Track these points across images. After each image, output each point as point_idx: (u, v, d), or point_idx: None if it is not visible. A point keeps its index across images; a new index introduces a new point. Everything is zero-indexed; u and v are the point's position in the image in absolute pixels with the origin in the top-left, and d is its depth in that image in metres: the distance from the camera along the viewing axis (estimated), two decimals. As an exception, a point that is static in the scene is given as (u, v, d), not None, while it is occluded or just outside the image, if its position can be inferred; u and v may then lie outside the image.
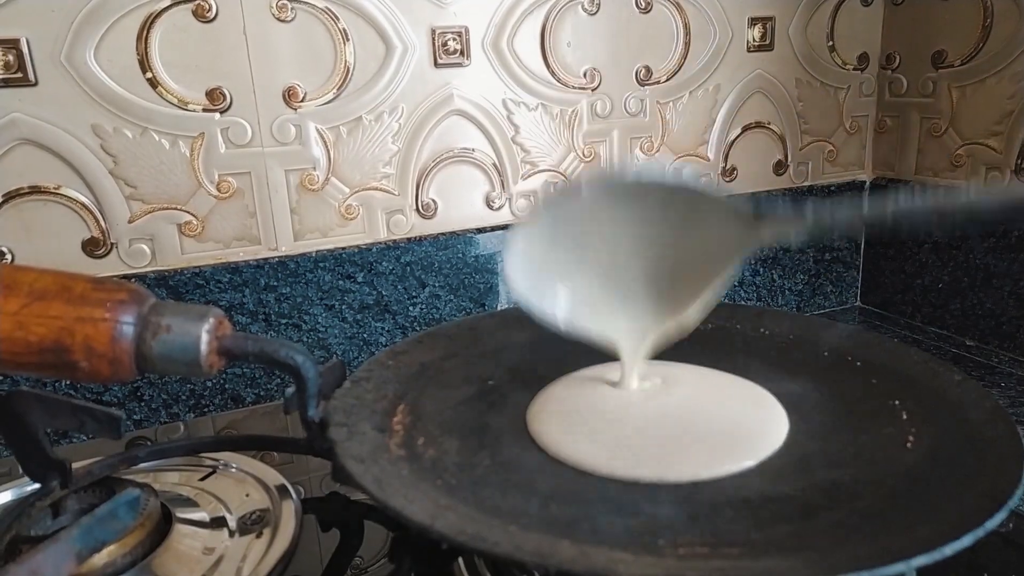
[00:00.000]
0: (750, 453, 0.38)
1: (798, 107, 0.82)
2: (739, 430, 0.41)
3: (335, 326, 0.68)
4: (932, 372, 0.43)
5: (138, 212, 0.61)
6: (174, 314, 0.37)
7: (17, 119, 0.57)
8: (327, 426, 0.40)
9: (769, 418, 0.42)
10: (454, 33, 0.67)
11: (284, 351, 0.39)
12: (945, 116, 0.78)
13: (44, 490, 0.41)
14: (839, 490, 0.35)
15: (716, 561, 0.29)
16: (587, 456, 0.38)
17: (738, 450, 0.39)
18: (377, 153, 0.67)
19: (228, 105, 0.62)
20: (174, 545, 0.41)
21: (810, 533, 0.31)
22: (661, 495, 0.35)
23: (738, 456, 0.38)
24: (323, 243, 0.67)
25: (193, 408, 0.65)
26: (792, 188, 0.84)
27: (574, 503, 0.35)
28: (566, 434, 0.41)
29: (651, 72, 0.75)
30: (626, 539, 0.31)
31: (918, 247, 0.81)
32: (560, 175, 0.74)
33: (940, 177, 0.80)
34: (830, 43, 0.82)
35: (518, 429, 0.43)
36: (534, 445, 0.41)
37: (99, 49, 0.57)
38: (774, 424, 0.41)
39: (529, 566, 0.28)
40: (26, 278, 0.36)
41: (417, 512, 0.31)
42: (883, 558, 0.27)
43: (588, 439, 0.40)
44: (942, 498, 0.33)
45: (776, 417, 0.42)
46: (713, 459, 0.38)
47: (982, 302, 0.75)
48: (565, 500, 0.35)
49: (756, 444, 0.39)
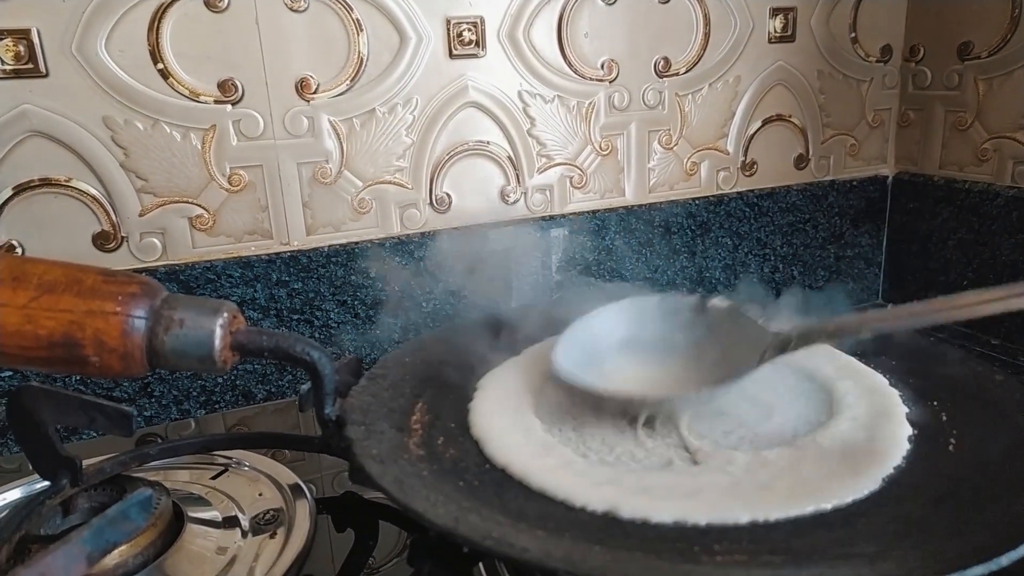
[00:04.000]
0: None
1: (820, 100, 0.81)
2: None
3: (348, 322, 0.67)
4: (972, 372, 0.41)
5: (149, 205, 0.60)
6: (187, 308, 0.36)
7: (28, 111, 0.56)
8: (344, 424, 0.38)
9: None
10: (469, 23, 0.66)
11: (300, 346, 0.38)
12: (971, 109, 0.76)
13: (54, 488, 0.40)
14: (880, 494, 0.33)
15: (756, 570, 0.28)
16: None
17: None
18: (391, 146, 0.66)
19: (240, 97, 0.61)
20: (186, 545, 0.40)
21: (853, 540, 0.30)
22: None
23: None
24: (336, 237, 0.66)
25: (204, 405, 0.64)
26: (813, 183, 0.82)
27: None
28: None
29: (670, 63, 0.73)
30: (661, 545, 0.29)
31: (943, 243, 0.79)
32: (576, 168, 0.73)
33: (965, 172, 0.78)
34: (853, 34, 0.80)
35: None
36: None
37: (110, 40, 0.56)
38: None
39: (559, 574, 0.26)
40: (35, 270, 0.35)
41: (441, 515, 0.30)
42: (936, 567, 0.25)
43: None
44: (990, 503, 0.31)
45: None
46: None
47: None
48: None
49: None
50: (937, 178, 0.80)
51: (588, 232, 0.73)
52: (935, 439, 0.38)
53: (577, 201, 0.74)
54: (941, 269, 0.80)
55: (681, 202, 0.77)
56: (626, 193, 0.76)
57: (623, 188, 0.75)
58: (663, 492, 0.33)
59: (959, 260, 0.77)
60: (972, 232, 0.76)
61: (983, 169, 0.76)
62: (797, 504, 0.31)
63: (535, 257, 0.72)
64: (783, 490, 0.33)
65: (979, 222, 0.75)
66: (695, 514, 0.31)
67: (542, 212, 0.73)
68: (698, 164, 0.78)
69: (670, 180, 0.77)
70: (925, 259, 0.82)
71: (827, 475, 0.34)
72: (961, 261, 0.77)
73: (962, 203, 0.77)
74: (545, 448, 0.38)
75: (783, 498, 0.32)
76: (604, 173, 0.74)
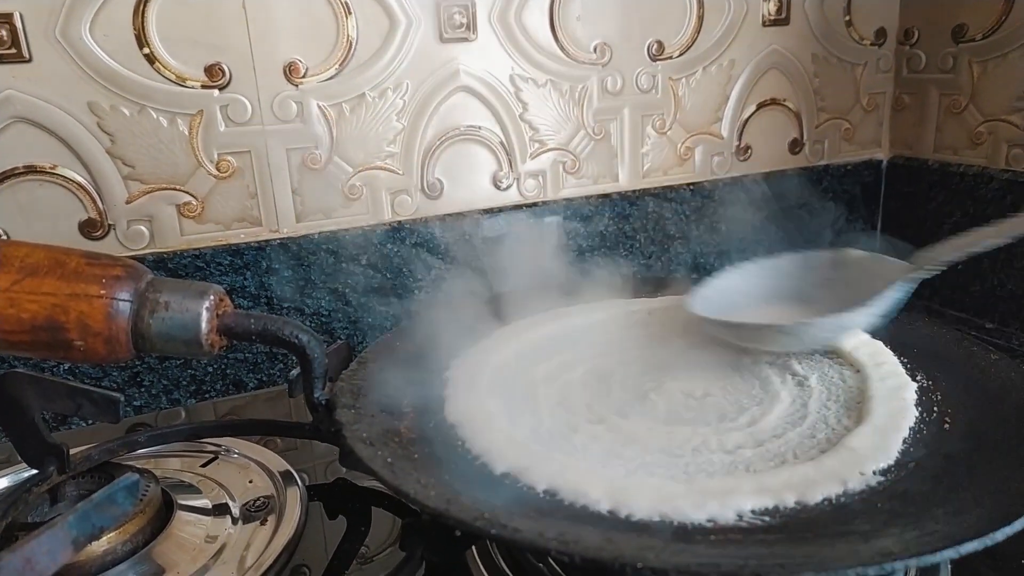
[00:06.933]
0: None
1: (814, 84, 0.80)
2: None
3: (339, 310, 0.66)
4: (967, 352, 0.41)
5: (136, 192, 0.60)
6: (173, 291, 0.35)
7: (11, 96, 0.55)
8: (334, 408, 0.38)
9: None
10: (460, 6, 0.65)
11: (288, 329, 0.37)
12: (965, 92, 0.76)
13: (41, 475, 0.40)
14: (877, 472, 0.33)
15: (751, 548, 0.27)
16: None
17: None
18: (381, 131, 0.65)
19: (227, 81, 0.60)
20: (175, 532, 0.40)
21: (849, 517, 0.29)
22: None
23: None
24: (326, 224, 0.65)
25: (194, 394, 0.63)
26: (808, 167, 0.82)
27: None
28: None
29: (663, 47, 0.73)
30: (654, 524, 0.29)
31: (937, 227, 0.79)
32: (569, 154, 0.72)
33: (960, 156, 0.77)
34: (847, 17, 0.79)
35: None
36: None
37: (94, 24, 0.55)
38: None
39: (552, 553, 0.26)
40: (17, 253, 0.34)
41: (432, 497, 0.29)
42: (932, 544, 0.25)
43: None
44: (985, 480, 0.31)
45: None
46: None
47: (1003, 283, 0.73)
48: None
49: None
50: (932, 162, 0.80)
51: (581, 218, 0.73)
52: (930, 417, 0.37)
53: (570, 187, 0.73)
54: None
55: (675, 187, 0.76)
56: (619, 178, 0.75)
57: (616, 173, 0.75)
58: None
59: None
60: (967, 216, 0.76)
61: (978, 152, 0.75)
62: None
63: (528, 243, 0.71)
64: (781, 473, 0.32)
65: (974, 206, 0.75)
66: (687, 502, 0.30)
67: (535, 198, 0.72)
68: (692, 149, 0.77)
69: (664, 165, 0.76)
70: (920, 243, 0.81)
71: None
72: (956, 245, 0.77)
73: (957, 187, 0.76)
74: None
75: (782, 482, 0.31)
76: (597, 158, 0.74)
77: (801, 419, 0.38)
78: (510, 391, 0.42)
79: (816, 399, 0.40)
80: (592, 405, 0.40)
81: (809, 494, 0.30)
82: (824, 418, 0.38)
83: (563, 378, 0.44)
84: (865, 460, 0.32)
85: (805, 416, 0.38)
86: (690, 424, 0.38)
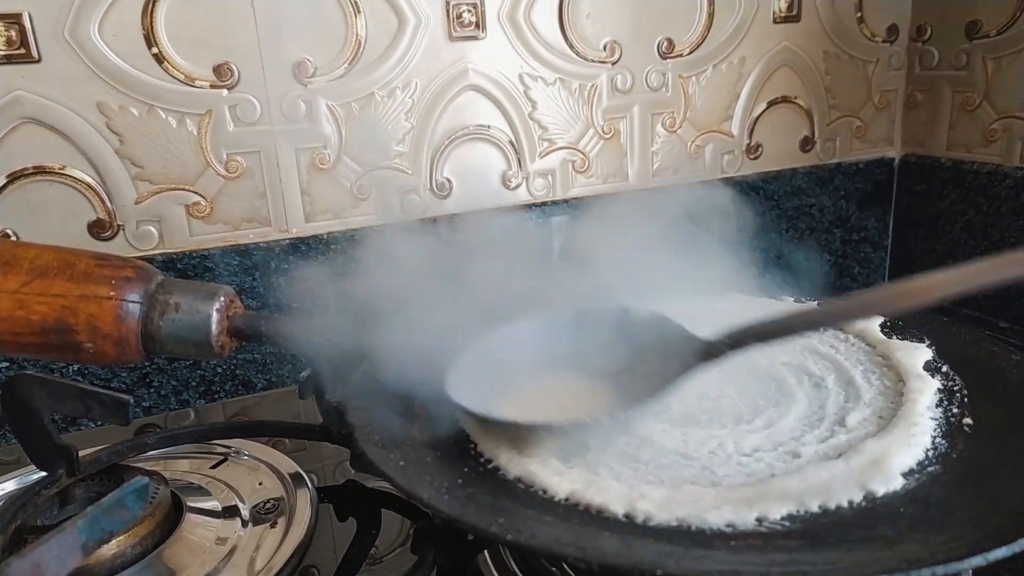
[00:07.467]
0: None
1: (825, 81, 0.79)
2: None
3: (348, 310, 0.66)
4: (987, 351, 0.40)
5: (145, 193, 0.59)
6: (183, 292, 0.35)
7: (20, 97, 0.55)
8: (345, 410, 0.38)
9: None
10: (469, 5, 0.64)
11: (299, 331, 0.37)
12: (979, 89, 0.75)
13: (50, 478, 0.39)
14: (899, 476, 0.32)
15: (771, 554, 0.27)
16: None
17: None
18: (390, 131, 0.65)
19: (236, 81, 0.59)
20: (185, 535, 0.39)
21: (871, 522, 0.29)
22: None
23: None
24: (335, 224, 0.65)
25: (203, 395, 0.63)
26: (819, 165, 0.81)
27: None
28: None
29: (673, 45, 0.72)
30: (672, 530, 0.28)
31: (950, 226, 0.78)
32: (579, 152, 0.72)
33: (973, 153, 0.76)
34: (859, 14, 0.78)
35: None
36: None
37: (103, 24, 0.55)
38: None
39: (569, 560, 0.25)
40: (27, 254, 0.34)
41: (445, 501, 0.29)
42: (958, 551, 0.24)
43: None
44: (1010, 484, 0.30)
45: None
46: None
47: (1016, 283, 0.72)
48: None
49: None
50: (944, 160, 0.79)
51: (591, 217, 0.72)
52: (952, 419, 0.37)
53: (580, 186, 0.73)
54: (948, 252, 0.79)
55: (685, 186, 0.76)
56: (629, 177, 0.74)
57: (626, 172, 0.74)
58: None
59: (967, 243, 0.76)
60: (980, 214, 0.75)
61: (991, 150, 0.75)
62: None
63: (537, 243, 0.71)
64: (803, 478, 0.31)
65: (987, 204, 0.74)
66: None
67: (544, 197, 0.72)
68: (702, 147, 0.76)
69: (674, 164, 0.76)
70: (932, 242, 0.81)
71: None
72: (969, 243, 0.76)
73: (970, 185, 0.76)
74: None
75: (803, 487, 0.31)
76: (607, 157, 0.73)
77: (819, 421, 0.37)
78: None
79: (833, 401, 0.39)
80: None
81: (830, 498, 0.29)
82: (842, 420, 0.37)
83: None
84: (886, 463, 0.32)
85: (823, 418, 0.37)
86: (705, 426, 0.37)
